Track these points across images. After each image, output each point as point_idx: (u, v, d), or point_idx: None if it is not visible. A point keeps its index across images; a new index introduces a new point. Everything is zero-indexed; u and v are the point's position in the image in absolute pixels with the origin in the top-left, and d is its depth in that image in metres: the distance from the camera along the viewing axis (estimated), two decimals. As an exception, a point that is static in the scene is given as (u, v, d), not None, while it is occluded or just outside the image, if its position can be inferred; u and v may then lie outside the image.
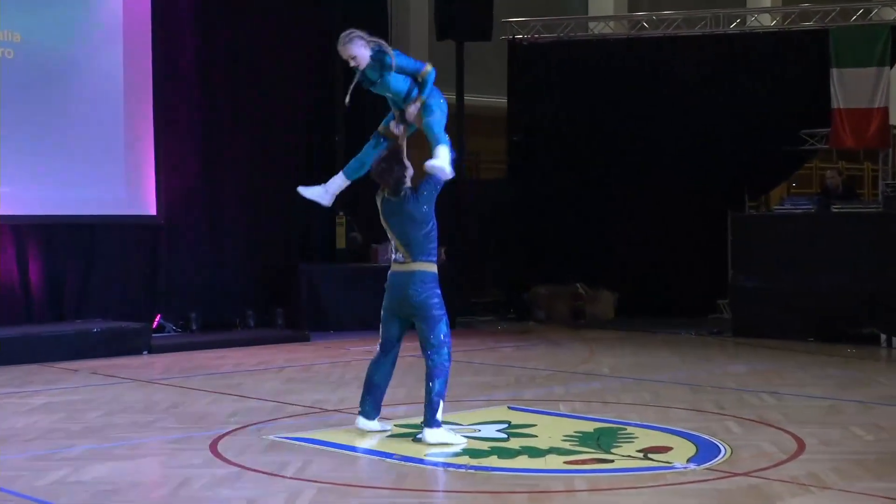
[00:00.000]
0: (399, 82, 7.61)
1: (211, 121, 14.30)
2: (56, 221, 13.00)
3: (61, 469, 6.61)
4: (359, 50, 7.42)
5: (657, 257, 15.86)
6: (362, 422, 7.52)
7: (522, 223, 16.56)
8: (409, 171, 7.57)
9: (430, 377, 7.23)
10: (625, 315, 15.77)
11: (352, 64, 7.45)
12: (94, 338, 12.13)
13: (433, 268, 7.35)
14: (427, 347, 7.28)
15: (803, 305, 13.14)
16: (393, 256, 7.47)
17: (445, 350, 7.27)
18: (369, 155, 7.75)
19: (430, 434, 7.17)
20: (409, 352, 8.02)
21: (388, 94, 7.69)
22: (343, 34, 7.46)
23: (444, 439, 7.16)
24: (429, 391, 7.20)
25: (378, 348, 7.54)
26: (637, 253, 15.99)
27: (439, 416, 7.19)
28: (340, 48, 7.43)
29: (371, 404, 7.52)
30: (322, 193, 7.87)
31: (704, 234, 15.24)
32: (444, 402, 7.23)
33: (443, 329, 7.28)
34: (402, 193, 7.41)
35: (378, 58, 7.47)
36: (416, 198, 7.38)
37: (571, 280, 16.10)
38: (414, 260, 7.31)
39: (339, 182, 7.91)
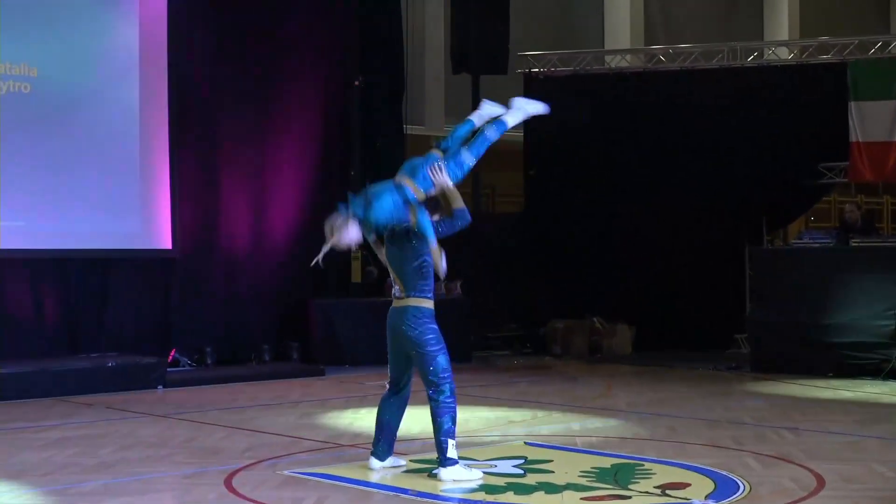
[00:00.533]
0: (385, 211, 7.39)
1: (226, 154, 14.35)
2: (71, 255, 13.05)
3: (76, 504, 6.63)
4: (350, 234, 7.31)
5: (675, 291, 15.83)
6: (375, 463, 7.50)
7: (539, 257, 16.56)
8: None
9: (435, 417, 7.21)
10: (642, 349, 15.74)
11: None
12: (108, 372, 12.15)
13: (428, 303, 7.31)
14: (428, 386, 7.24)
15: (822, 340, 13.08)
16: (394, 292, 7.46)
17: (447, 387, 7.21)
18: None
19: (445, 473, 7.16)
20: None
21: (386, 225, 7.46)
22: (333, 225, 7.35)
23: (460, 476, 7.15)
24: (437, 431, 7.19)
25: (387, 386, 7.54)
26: (654, 287, 15.97)
27: (451, 453, 7.17)
28: (336, 241, 7.32)
29: (384, 444, 7.49)
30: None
31: (722, 267, 15.22)
32: (453, 439, 7.19)
33: (441, 364, 7.20)
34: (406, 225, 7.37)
35: (364, 212, 7.35)
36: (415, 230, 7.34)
37: (588, 314, 16.09)
38: (408, 295, 7.31)
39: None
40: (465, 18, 16.49)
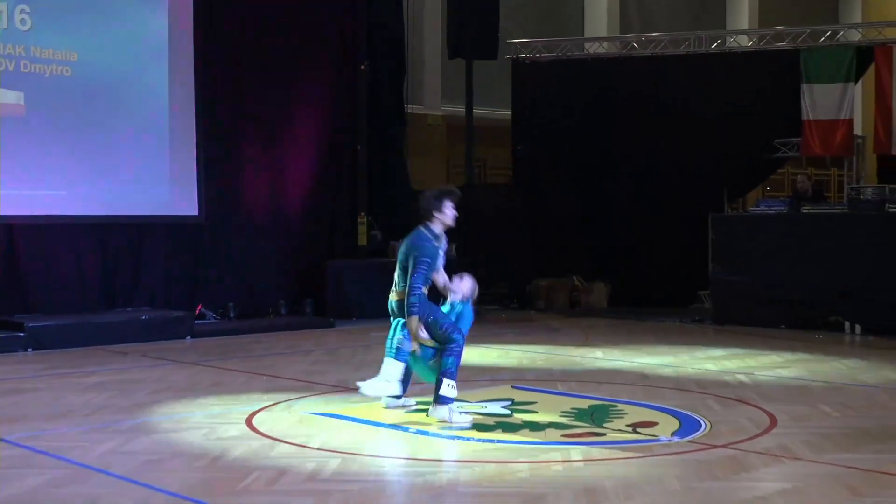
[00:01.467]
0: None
1: (247, 131, 14.30)
2: (108, 221, 13.02)
3: (113, 440, 6.64)
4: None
5: (646, 253, 15.84)
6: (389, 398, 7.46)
7: (525, 223, 16.54)
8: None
9: (441, 357, 7.22)
10: (617, 305, 15.76)
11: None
12: (142, 324, 12.16)
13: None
14: (442, 342, 7.20)
15: (776, 296, 13.11)
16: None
17: (457, 335, 7.22)
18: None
19: (434, 410, 7.17)
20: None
21: None
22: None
23: (445, 417, 7.11)
24: (438, 370, 7.19)
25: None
26: (628, 249, 15.97)
27: (444, 391, 7.12)
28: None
29: (403, 382, 7.37)
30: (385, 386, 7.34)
31: (688, 232, 15.21)
32: (451, 380, 7.13)
33: (445, 324, 7.19)
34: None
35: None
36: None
37: (569, 273, 16.10)
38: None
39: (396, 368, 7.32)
40: (459, 9, 16.40)
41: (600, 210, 16.09)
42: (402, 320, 7.19)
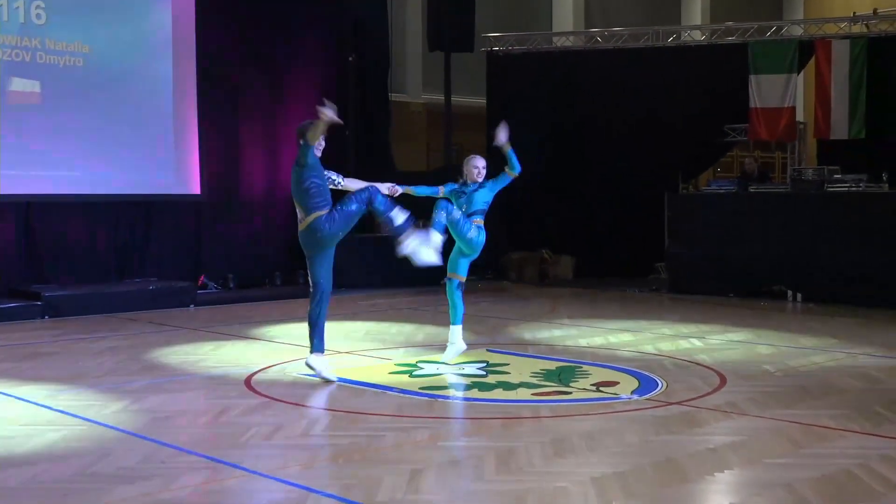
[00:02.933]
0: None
1: (243, 117, 14.20)
2: (118, 199, 12.94)
3: (124, 400, 6.63)
4: None
5: (609, 229, 15.85)
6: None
7: (499, 202, 16.47)
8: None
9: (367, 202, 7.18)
10: (582, 276, 15.78)
11: None
12: (149, 294, 12.12)
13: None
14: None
15: (726, 268, 13.16)
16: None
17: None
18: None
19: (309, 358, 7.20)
20: (391, 306, 8.03)
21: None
22: None
23: (316, 365, 7.11)
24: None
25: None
26: (593, 225, 15.98)
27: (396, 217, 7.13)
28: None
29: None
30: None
31: (647, 210, 15.22)
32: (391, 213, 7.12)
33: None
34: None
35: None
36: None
37: (538, 247, 16.12)
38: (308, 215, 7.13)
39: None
40: (438, 5, 16.30)
41: (568, 189, 16.09)
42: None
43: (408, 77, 18.60)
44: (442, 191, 7.90)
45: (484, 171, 7.97)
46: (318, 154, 7.29)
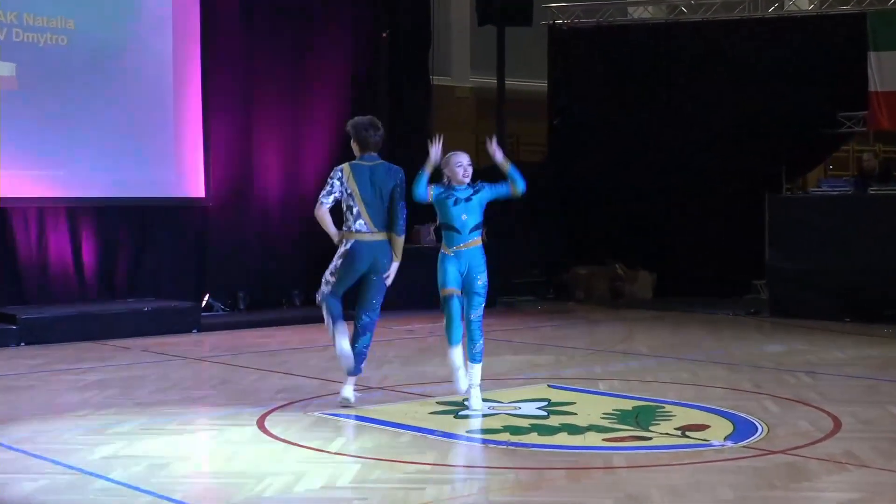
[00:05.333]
0: None
1: (257, 104, 14.29)
2: (108, 203, 13.07)
3: (114, 443, 6.67)
4: None
5: (695, 238, 15.76)
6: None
7: (562, 205, 16.51)
8: None
9: (366, 332, 7.85)
10: (663, 295, 15.71)
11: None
12: (145, 316, 12.21)
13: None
14: (368, 309, 7.86)
15: (840, 286, 13.03)
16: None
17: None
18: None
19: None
20: (432, 332, 8.02)
21: None
22: None
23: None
24: (365, 346, 7.88)
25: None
26: (675, 234, 15.90)
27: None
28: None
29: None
30: None
31: (742, 215, 15.12)
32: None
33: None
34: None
35: None
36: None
37: (610, 261, 16.06)
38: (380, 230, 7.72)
39: None
40: (490, -30, 16.33)
41: (645, 190, 16.01)
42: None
43: (453, 57, 18.65)
44: (430, 194, 7.72)
45: (471, 170, 7.77)
46: None
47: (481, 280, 7.66)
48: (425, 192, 7.66)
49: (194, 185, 13.65)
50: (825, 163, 17.82)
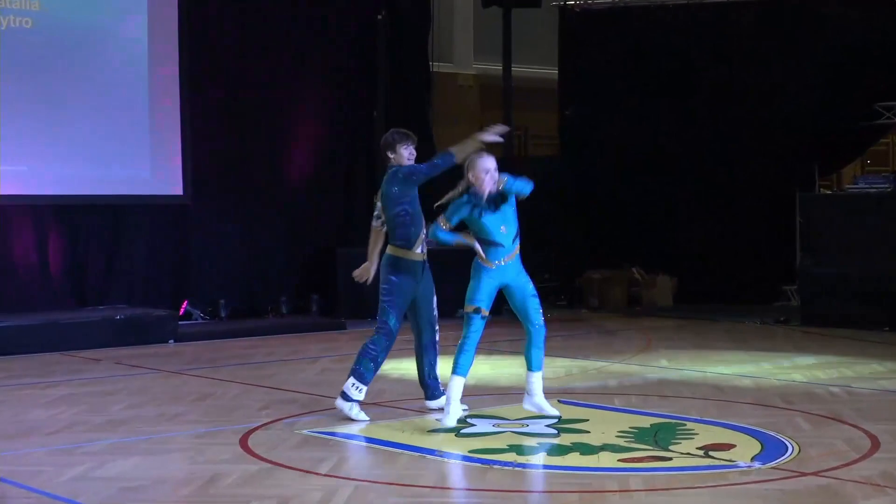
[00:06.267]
0: None
1: (240, 94, 14.31)
2: (77, 202, 13.08)
3: (83, 464, 6.67)
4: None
5: (719, 240, 15.77)
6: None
7: (575, 204, 16.52)
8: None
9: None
10: (684, 302, 15.72)
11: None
12: (117, 325, 12.22)
13: (396, 252, 7.99)
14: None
15: (878, 292, 13.03)
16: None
17: (379, 338, 7.94)
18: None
19: (338, 402, 7.85)
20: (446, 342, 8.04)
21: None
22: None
23: (348, 413, 7.76)
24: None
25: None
26: (698, 235, 15.91)
27: (352, 393, 7.79)
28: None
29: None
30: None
31: (771, 214, 15.14)
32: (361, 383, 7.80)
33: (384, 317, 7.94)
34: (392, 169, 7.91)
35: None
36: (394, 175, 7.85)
37: (627, 264, 16.07)
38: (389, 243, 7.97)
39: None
40: (495, -53, 16.34)
41: (665, 188, 16.03)
42: None
43: (455, 41, 18.65)
44: (444, 224, 7.54)
45: (497, 176, 7.56)
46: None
47: (530, 287, 7.71)
48: (449, 235, 7.58)
49: (171, 182, 13.65)
50: (862, 157, 17.83)
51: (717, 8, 16.00)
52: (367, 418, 7.80)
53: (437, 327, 8.17)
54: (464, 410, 7.71)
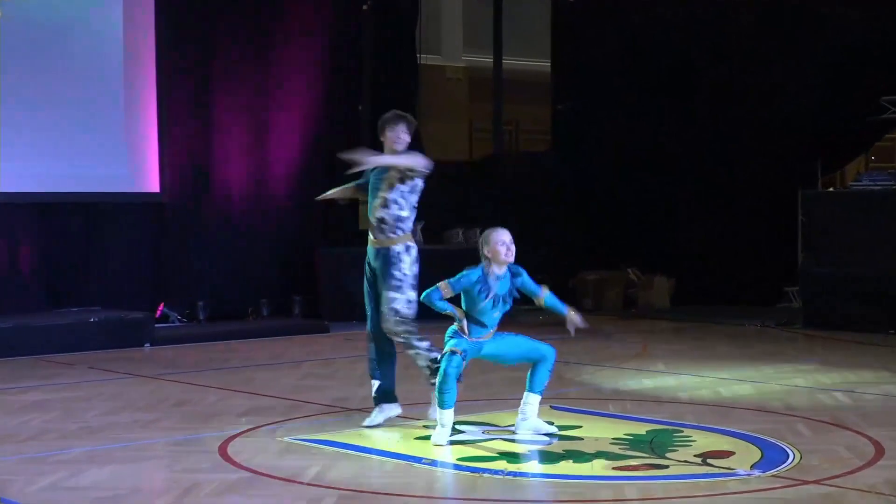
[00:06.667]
0: None
1: (222, 87, 14.31)
2: (50, 199, 13.07)
3: (57, 473, 6.66)
4: None
5: (719, 239, 15.80)
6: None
7: (568, 201, 16.53)
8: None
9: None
10: (682, 303, 15.75)
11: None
12: (92, 328, 12.21)
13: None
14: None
15: (883, 294, 13.06)
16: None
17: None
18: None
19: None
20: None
21: None
22: None
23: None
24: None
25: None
26: (696, 235, 15.93)
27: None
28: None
29: None
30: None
31: (772, 213, 15.16)
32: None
33: None
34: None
35: None
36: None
37: (622, 265, 16.09)
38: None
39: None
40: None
41: (663, 185, 16.05)
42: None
43: (443, 33, 18.66)
44: (448, 291, 7.46)
45: (514, 248, 7.57)
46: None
47: (509, 337, 7.79)
48: (445, 304, 7.48)
49: (148, 180, 13.64)
50: (866, 154, 17.87)
51: (717, 4, 15.99)
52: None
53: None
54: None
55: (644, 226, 16.09)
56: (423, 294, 7.51)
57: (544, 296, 7.84)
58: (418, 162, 7.89)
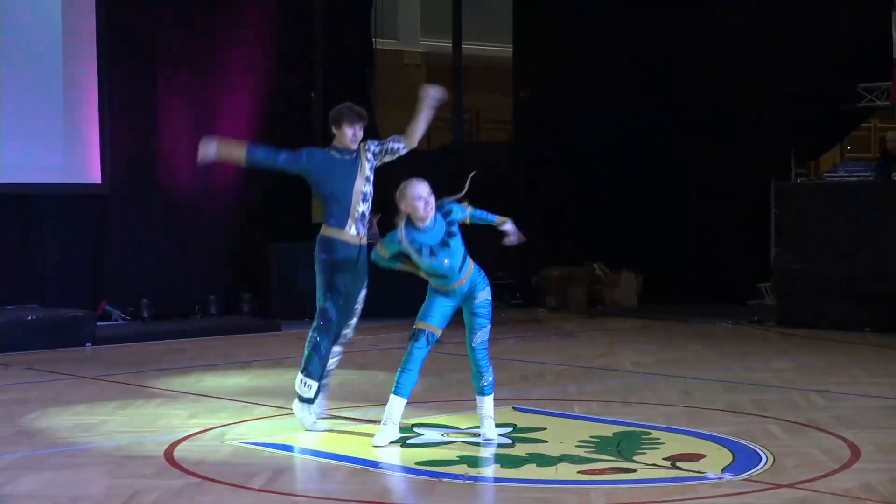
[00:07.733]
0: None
1: (164, 71, 14.25)
2: (-16, 191, 13.01)
3: (-10, 480, 6.63)
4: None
5: (688, 234, 15.86)
6: None
7: (530, 193, 16.54)
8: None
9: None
10: (650, 301, 15.80)
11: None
12: (29, 327, 12.15)
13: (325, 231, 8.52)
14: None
15: (859, 290, 13.13)
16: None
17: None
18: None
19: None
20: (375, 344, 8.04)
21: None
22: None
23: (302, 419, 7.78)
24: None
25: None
26: (665, 229, 15.99)
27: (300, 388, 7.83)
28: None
29: None
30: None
31: (744, 206, 15.23)
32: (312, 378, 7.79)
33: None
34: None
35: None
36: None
37: (588, 260, 16.11)
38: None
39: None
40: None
41: (629, 178, 16.09)
42: None
43: (400, 15, 18.65)
44: (384, 252, 7.51)
45: (433, 201, 7.48)
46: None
47: (481, 297, 7.57)
48: (390, 262, 7.52)
49: (89, 170, 13.58)
50: (842, 143, 17.98)
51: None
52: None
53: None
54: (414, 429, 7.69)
55: (610, 220, 16.12)
56: (372, 255, 7.73)
57: (468, 214, 7.90)
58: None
